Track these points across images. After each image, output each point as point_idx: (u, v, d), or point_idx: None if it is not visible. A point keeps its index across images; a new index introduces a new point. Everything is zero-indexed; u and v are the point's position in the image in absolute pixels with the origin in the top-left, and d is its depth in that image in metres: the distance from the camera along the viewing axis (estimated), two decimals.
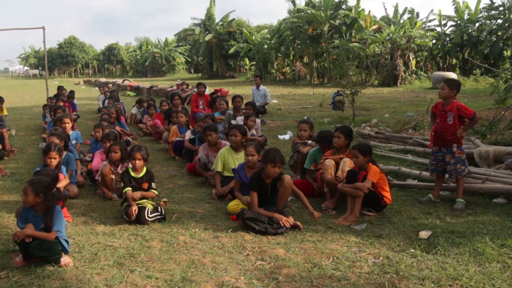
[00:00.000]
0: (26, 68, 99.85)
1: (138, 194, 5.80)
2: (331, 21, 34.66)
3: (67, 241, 4.63)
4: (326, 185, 6.37)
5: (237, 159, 7.02)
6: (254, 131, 9.32)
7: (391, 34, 30.57)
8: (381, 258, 4.53)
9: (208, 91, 16.45)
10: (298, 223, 5.39)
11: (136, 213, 5.55)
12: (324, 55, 36.31)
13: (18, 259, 4.48)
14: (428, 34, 34.22)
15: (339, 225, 5.49)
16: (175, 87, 24.22)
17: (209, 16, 52.34)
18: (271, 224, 5.26)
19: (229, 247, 4.88)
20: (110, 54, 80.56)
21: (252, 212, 5.41)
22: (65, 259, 4.47)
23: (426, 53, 36.56)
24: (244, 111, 11.02)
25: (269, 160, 5.53)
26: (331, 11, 34.70)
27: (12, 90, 37.75)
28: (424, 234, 5.02)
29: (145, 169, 6.09)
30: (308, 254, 4.66)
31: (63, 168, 6.74)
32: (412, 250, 4.68)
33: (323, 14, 34.30)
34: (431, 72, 33.10)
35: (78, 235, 5.27)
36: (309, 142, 7.44)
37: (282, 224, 5.24)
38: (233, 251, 4.78)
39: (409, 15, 35.65)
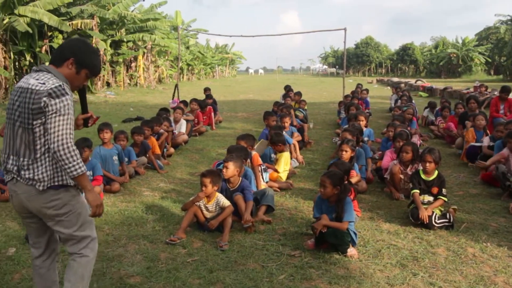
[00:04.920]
0: (324, 66, 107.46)
1: (429, 211, 5.50)
2: None
3: (355, 234, 4.86)
4: None
5: None
6: None
7: None
8: None
9: None
10: None
11: (424, 218, 5.41)
12: None
13: (310, 242, 4.88)
14: None
15: None
16: (471, 89, 22.95)
17: None
18: None
19: None
20: (404, 54, 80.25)
21: None
22: (351, 250, 4.68)
23: None
24: None
25: None
26: None
27: (312, 87, 40.98)
28: None
29: (436, 172, 5.89)
30: None
31: (356, 166, 7.01)
32: None
33: None
34: None
35: (364, 229, 5.45)
36: None
37: None
38: None
39: None
